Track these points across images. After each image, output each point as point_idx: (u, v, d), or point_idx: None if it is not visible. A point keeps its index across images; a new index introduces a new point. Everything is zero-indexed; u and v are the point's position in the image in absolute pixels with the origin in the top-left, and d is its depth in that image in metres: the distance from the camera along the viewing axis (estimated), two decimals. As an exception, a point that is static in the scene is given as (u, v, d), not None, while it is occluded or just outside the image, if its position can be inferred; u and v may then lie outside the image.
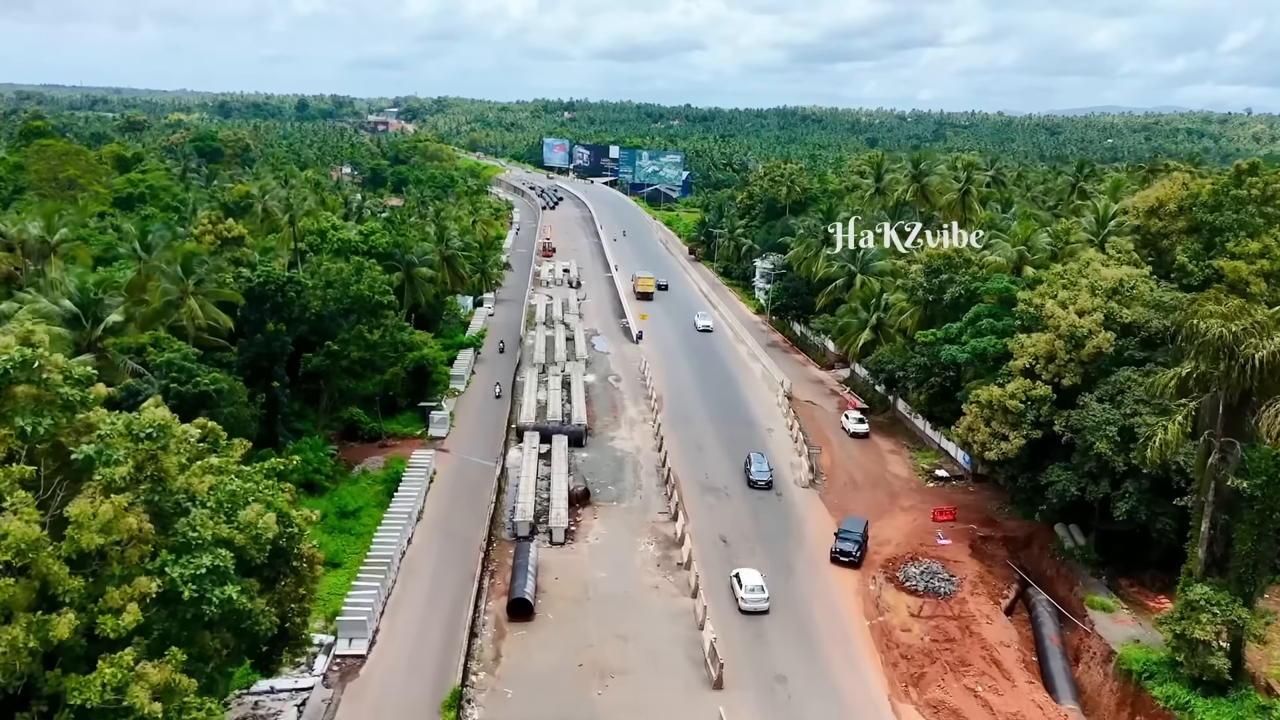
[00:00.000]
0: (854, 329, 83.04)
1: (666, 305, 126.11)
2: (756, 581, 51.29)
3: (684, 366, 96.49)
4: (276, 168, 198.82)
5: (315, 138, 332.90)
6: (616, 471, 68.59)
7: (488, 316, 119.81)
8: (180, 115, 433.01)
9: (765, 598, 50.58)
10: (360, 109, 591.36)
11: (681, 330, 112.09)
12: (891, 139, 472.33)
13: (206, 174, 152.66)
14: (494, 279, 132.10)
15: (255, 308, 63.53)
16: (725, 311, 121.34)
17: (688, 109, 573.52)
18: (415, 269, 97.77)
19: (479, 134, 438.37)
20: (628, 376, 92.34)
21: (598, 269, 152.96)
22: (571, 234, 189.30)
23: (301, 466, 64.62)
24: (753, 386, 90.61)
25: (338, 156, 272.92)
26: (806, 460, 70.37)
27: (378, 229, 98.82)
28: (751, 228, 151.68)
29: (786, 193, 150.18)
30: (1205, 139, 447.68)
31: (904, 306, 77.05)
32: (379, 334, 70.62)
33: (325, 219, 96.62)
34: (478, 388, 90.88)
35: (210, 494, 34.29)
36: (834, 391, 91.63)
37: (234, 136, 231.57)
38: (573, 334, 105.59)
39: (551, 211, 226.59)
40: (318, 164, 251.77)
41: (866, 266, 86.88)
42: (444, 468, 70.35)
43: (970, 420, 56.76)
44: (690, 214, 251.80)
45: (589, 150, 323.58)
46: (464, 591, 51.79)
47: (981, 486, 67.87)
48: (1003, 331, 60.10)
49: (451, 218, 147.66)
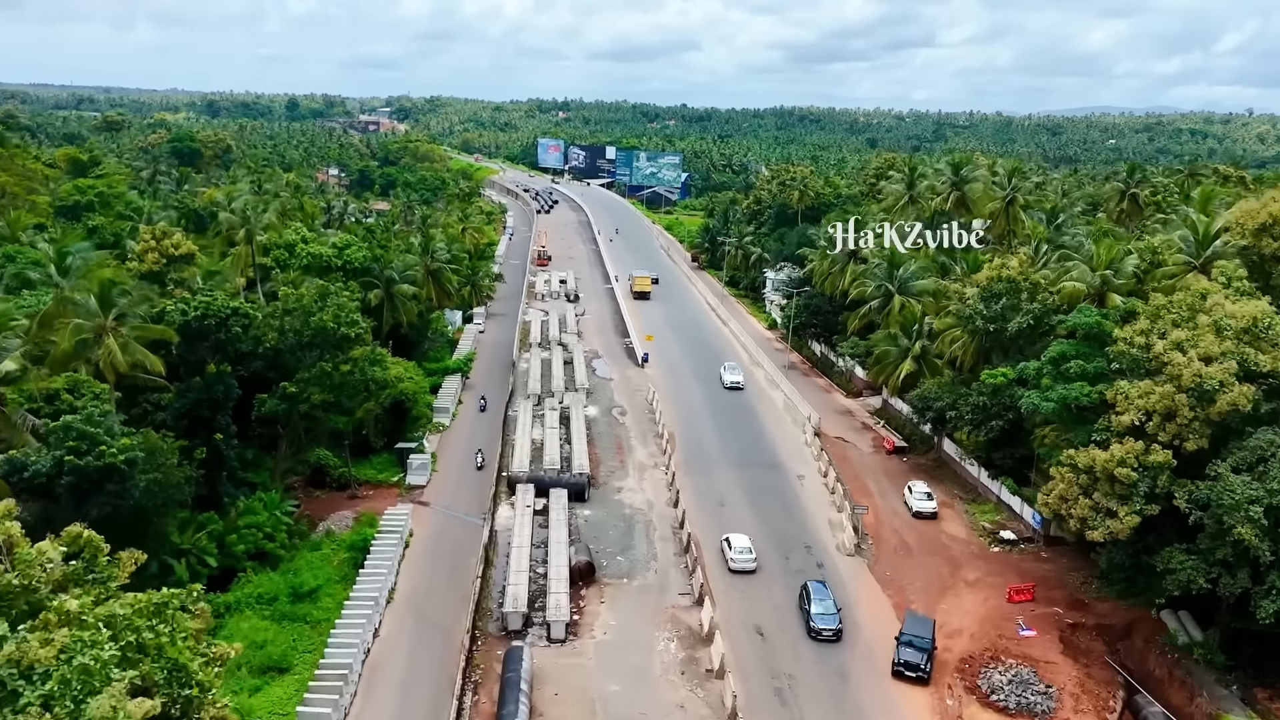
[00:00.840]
0: (893, 358, 72.26)
1: (672, 319, 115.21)
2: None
3: (696, 395, 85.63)
4: (256, 170, 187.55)
5: (303, 138, 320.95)
6: (626, 535, 57.65)
7: (478, 334, 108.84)
8: (167, 115, 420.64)
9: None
10: (352, 109, 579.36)
11: (690, 350, 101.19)
12: (891, 139, 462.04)
13: (177, 178, 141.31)
14: (485, 292, 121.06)
15: (193, 346, 52.51)
16: (736, 328, 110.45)
17: (684, 109, 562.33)
18: (396, 286, 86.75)
19: (472, 134, 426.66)
20: (634, 408, 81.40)
21: (596, 279, 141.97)
22: (568, 240, 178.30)
23: (248, 535, 54.17)
24: (775, 420, 79.75)
25: (325, 158, 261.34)
26: (849, 519, 59.52)
27: (354, 242, 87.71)
28: (760, 235, 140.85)
29: (798, 198, 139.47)
30: (1209, 140, 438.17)
31: (955, 335, 66.28)
32: (346, 370, 59.65)
33: (295, 230, 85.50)
34: (464, 421, 79.94)
35: (59, 662, 23.47)
36: (865, 425, 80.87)
37: (214, 137, 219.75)
38: (571, 356, 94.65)
39: (546, 216, 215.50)
40: (303, 165, 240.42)
41: (906, 286, 76.05)
42: (423, 527, 59.45)
43: (1063, 488, 45.96)
44: (691, 217, 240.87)
45: (585, 151, 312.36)
46: (440, 713, 40.87)
47: (1056, 552, 57.13)
48: (1095, 377, 49.35)
49: (439, 225, 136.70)
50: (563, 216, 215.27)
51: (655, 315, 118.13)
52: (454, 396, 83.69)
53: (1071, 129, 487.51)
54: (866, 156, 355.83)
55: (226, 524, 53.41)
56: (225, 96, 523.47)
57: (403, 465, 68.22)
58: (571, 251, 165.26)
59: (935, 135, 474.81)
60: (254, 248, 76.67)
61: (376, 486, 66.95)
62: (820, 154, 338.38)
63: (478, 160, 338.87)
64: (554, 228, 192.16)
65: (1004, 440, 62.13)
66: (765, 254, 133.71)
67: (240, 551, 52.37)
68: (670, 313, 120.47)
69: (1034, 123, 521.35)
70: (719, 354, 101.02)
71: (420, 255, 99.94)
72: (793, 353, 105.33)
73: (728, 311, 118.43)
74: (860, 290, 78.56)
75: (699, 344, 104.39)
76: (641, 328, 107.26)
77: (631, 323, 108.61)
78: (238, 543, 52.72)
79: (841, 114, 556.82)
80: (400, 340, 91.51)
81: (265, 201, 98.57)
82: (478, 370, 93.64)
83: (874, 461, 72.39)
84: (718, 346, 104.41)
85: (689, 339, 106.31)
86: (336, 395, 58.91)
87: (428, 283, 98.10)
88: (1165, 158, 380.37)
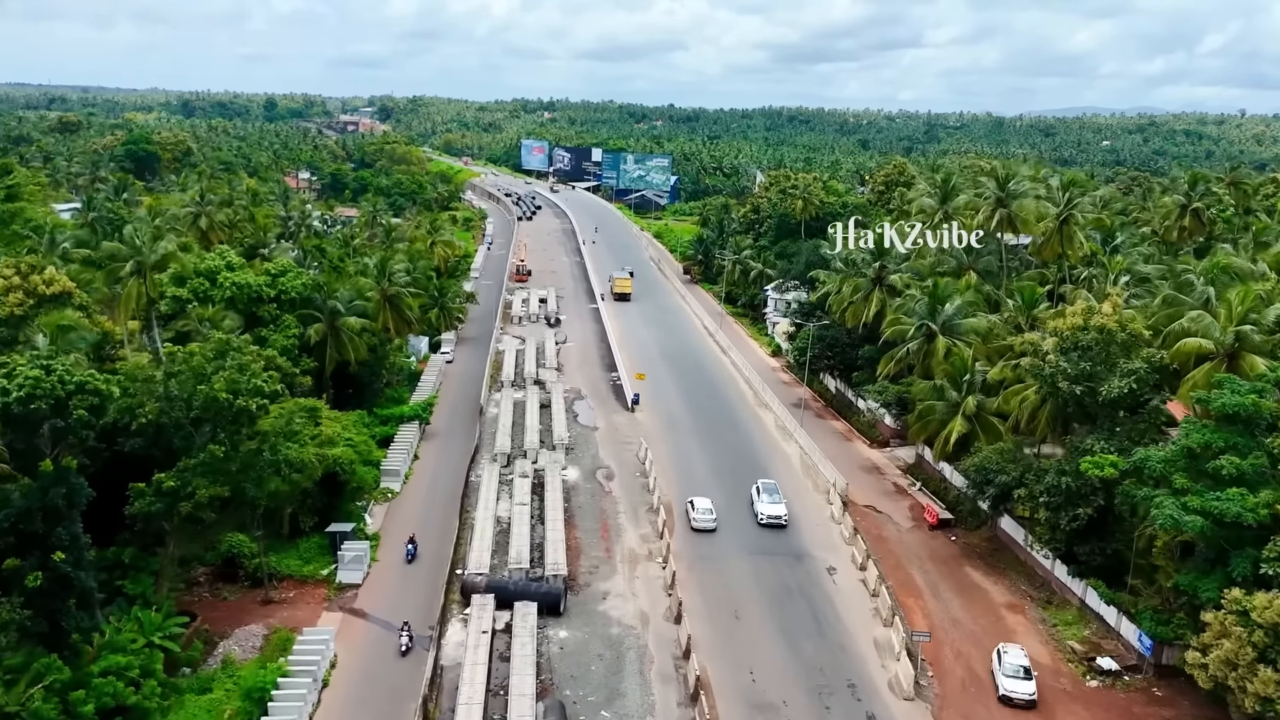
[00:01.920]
0: (939, 414, 58.50)
1: (665, 346, 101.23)
2: None
3: (695, 450, 71.67)
4: (211, 175, 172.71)
5: (276, 139, 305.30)
6: (613, 671, 43.50)
7: (444, 365, 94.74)
8: (138, 115, 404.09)
9: None
10: (333, 109, 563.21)
11: (687, 387, 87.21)
12: (882, 140, 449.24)
13: (115, 185, 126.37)
14: (455, 315, 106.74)
15: (23, 434, 38.23)
16: (738, 358, 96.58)
17: (671, 109, 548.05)
18: (342, 319, 72.59)
19: (454, 135, 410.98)
20: (623, 468, 67.39)
21: (580, 297, 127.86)
22: (550, 251, 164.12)
23: (104, 685, 39.79)
24: (793, 484, 65.81)
25: (296, 160, 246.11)
26: (899, 638, 45.70)
27: (291, 268, 73.32)
28: (761, 249, 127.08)
29: (801, 207, 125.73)
30: (1204, 140, 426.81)
31: (1022, 393, 52.63)
32: (249, 450, 45.44)
33: (217, 256, 71.06)
34: (419, 483, 65.91)
35: None
36: (898, 487, 67.20)
37: (174, 139, 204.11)
38: (550, 397, 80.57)
39: (528, 223, 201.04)
40: (271, 169, 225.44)
41: (951, 325, 62.21)
42: (351, 654, 45.43)
43: (1231, 648, 32.32)
44: (681, 223, 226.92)
45: (570, 153, 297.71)
46: None
47: (1174, 689, 43.40)
48: (1255, 479, 35.70)
49: (406, 238, 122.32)
50: (545, 224, 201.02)
51: (646, 341, 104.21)
52: (408, 452, 69.62)
53: (1064, 130, 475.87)
54: (860, 158, 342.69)
55: (75, 670, 39.17)
56: (202, 96, 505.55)
57: (335, 553, 54.17)
58: (554, 264, 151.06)
59: (927, 136, 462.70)
60: (147, 283, 62.06)
61: (301, 584, 52.81)
62: (812, 155, 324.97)
63: (466, 164, 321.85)
64: (536, 237, 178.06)
65: (1090, 530, 48.56)
66: (767, 270, 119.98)
67: (89, 713, 38.11)
68: (663, 338, 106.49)
69: (1025, 123, 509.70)
70: (720, 391, 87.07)
71: (376, 278, 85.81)
72: (799, 384, 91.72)
73: (728, 338, 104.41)
74: (896, 329, 64.62)
75: (697, 379, 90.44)
76: (631, 361, 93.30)
77: (620, 355, 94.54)
78: (87, 699, 38.38)
79: (831, 114, 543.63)
80: (349, 382, 77.39)
81: (170, 223, 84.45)
82: (441, 414, 79.55)
83: (916, 541, 58.62)
84: (718, 381, 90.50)
85: (685, 372, 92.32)
86: (235, 485, 44.70)
87: (384, 310, 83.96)
88: (1163, 159, 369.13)
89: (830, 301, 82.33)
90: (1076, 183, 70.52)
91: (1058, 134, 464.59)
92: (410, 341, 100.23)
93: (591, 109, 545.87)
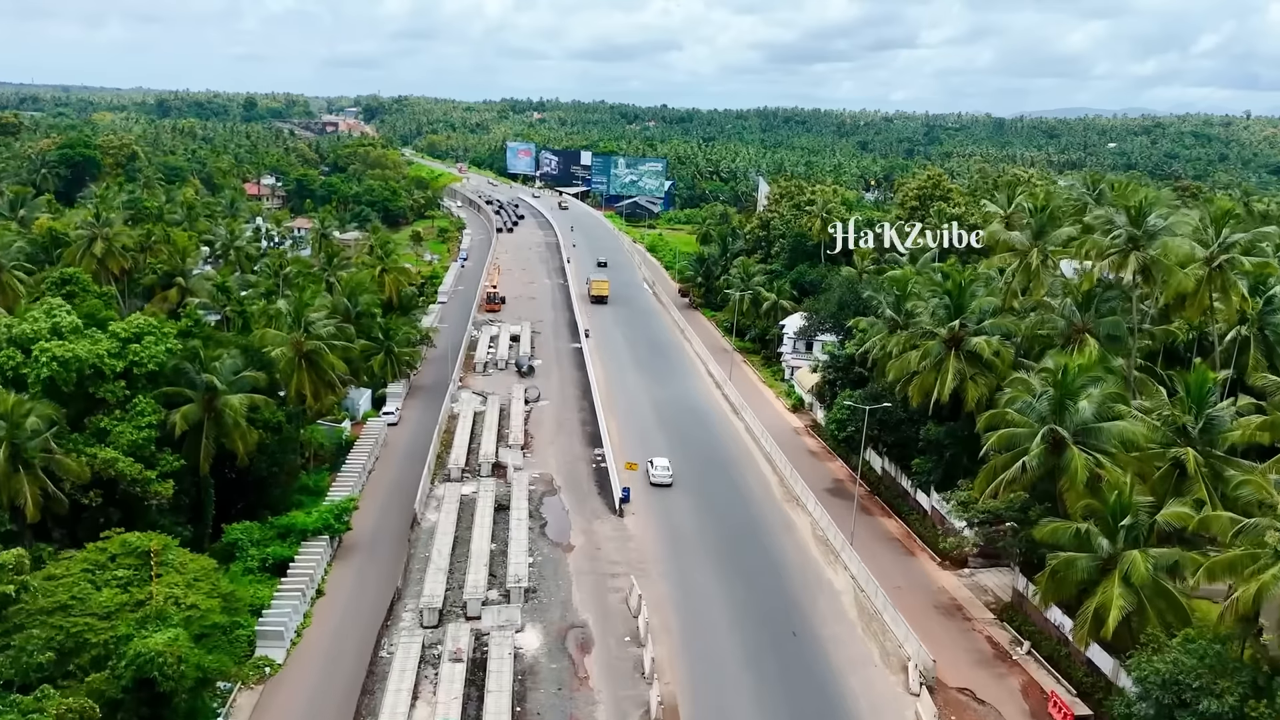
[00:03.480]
0: (1083, 574, 37.89)
1: (661, 405, 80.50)
2: None
3: (708, 588, 50.70)
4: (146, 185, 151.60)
5: (246, 141, 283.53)
6: None
7: (385, 429, 74.38)
8: (108, 114, 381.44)
9: None
10: (317, 109, 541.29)
11: (692, 469, 66.53)
12: (881, 142, 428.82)
13: (11, 200, 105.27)
14: (405, 361, 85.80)
15: None
16: (752, 421, 75.89)
17: (664, 109, 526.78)
18: (221, 398, 51.84)
19: (439, 137, 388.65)
20: (606, 629, 46.18)
21: (561, 332, 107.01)
22: (530, 270, 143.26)
23: None
24: (846, 648, 45.10)
25: (261, 164, 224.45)
26: None
27: (150, 330, 52.26)
28: (773, 275, 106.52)
29: (820, 227, 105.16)
30: (1214, 143, 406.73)
31: (1235, 561, 32.11)
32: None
33: (41, 315, 50.23)
34: (315, 647, 45.08)
35: None
36: (995, 646, 46.62)
37: (117, 142, 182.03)
38: (509, 493, 59.75)
39: (509, 235, 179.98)
40: (231, 174, 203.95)
41: (1090, 432, 41.46)
42: None
43: None
44: (677, 232, 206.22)
45: (557, 156, 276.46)
46: None
47: None
48: None
49: (353, 262, 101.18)
50: (527, 236, 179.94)
51: (639, 397, 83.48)
52: (307, 590, 48.81)
53: (1067, 131, 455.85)
54: (863, 161, 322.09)
55: None
56: (180, 95, 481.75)
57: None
58: (533, 287, 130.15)
59: (928, 138, 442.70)
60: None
61: None
62: (813, 159, 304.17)
63: (461, 170, 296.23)
64: (516, 252, 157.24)
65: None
66: (782, 301, 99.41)
67: None
68: (660, 391, 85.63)
69: (1026, 124, 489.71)
70: (737, 479, 66.18)
71: (290, 329, 64.98)
72: (831, 456, 71.49)
73: (739, 393, 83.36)
74: (1002, 435, 43.63)
75: (705, 459, 69.45)
76: (620, 429, 72.63)
77: (607, 422, 73.56)
78: None
79: (827, 115, 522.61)
80: (237, 483, 56.62)
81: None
82: (367, 513, 58.79)
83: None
84: (732, 461, 69.67)
85: (690, 447, 71.39)
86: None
87: (299, 372, 63.13)
88: (1176, 163, 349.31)
89: (879, 361, 61.75)
90: (1232, 216, 49.84)
91: (1061, 135, 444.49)
92: (349, 396, 79.66)
93: (583, 109, 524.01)
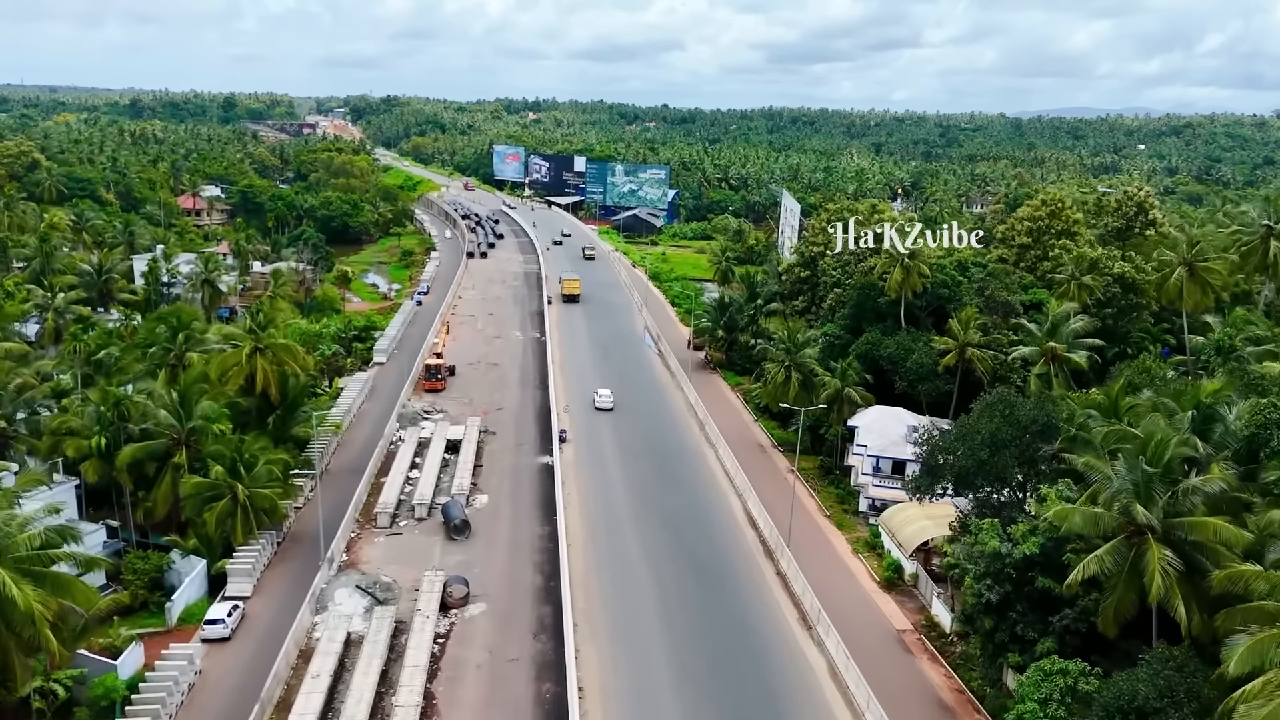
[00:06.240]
0: None
1: (671, 603, 47.12)
2: None
3: None
4: (7, 206, 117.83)
5: (205, 144, 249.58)
6: None
7: (193, 665, 40.85)
8: (70, 115, 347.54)
9: None
10: (304, 109, 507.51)
11: None
12: (895, 144, 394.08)
13: None
14: (262, 510, 51.72)
15: None
16: (836, 655, 42.49)
17: (665, 109, 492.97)
18: None
19: (425, 139, 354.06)
20: None
21: (527, 432, 72.70)
22: (500, 315, 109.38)
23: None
24: None
25: (201, 172, 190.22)
26: None
27: None
28: (833, 346, 73.01)
29: (903, 279, 71.29)
30: (1249, 144, 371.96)
31: None
32: None
33: None
34: None
35: None
36: None
37: (15, 149, 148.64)
38: None
39: (481, 260, 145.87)
40: (161, 186, 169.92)
41: None
42: None
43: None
44: (681, 250, 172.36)
45: (548, 161, 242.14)
46: None
47: None
48: None
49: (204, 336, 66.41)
50: (503, 264, 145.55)
51: (641, 589, 49.66)
52: None
53: (1093, 132, 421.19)
54: (886, 166, 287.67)
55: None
56: (156, 96, 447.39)
57: None
58: (497, 347, 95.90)
59: (945, 140, 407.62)
60: None
61: None
62: (830, 165, 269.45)
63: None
64: (485, 288, 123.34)
65: None
66: (850, 390, 65.58)
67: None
68: (672, 572, 51.74)
69: (1046, 124, 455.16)
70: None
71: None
72: (956, 683, 37.96)
73: (801, 569, 49.33)
74: None
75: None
76: (605, 701, 38.88)
77: (575, 707, 39.62)
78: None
79: (835, 115, 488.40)
80: None
81: None
82: None
83: None
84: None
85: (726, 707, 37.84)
86: None
87: None
88: (1222, 166, 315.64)
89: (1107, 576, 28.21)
90: None
91: (1086, 136, 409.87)
92: (173, 565, 47.57)
93: (581, 110, 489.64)
